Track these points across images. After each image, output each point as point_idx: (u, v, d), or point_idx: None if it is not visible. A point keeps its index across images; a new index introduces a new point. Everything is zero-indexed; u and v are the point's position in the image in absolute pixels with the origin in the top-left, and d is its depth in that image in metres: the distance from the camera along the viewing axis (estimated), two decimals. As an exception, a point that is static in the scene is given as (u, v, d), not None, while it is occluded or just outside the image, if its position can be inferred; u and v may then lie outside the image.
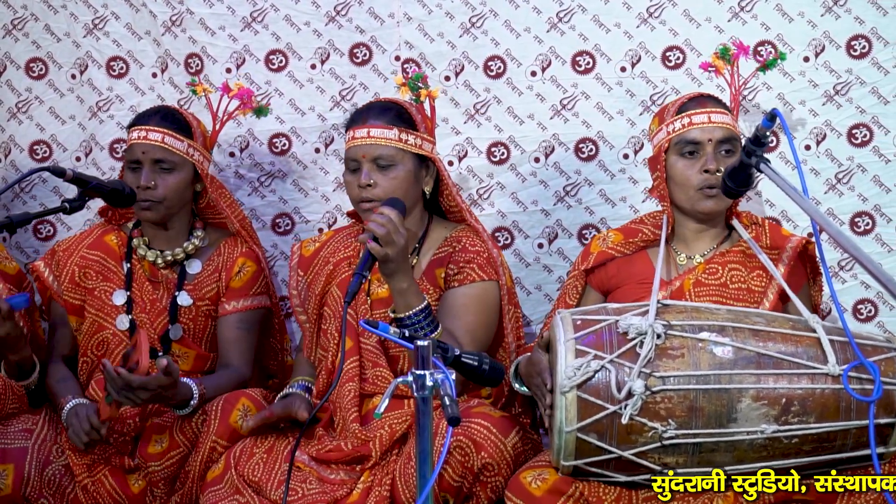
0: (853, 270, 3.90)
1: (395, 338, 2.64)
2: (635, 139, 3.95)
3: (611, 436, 2.84)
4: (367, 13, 4.04)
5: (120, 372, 3.21)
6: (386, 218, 3.14)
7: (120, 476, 3.49)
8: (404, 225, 3.21)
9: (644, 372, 2.83)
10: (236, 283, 3.73)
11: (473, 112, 4.02)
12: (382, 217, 3.15)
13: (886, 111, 3.85)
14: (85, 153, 4.22)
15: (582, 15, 3.95)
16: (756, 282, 3.34)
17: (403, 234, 3.16)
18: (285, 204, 4.15)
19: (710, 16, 3.89)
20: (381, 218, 3.14)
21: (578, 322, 2.94)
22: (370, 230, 3.13)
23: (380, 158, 3.45)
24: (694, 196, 3.34)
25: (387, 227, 3.13)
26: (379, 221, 3.13)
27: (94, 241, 3.77)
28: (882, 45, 3.83)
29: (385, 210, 3.18)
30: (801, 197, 2.67)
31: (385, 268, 3.18)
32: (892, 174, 3.87)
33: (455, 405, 2.36)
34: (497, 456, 3.14)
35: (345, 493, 3.24)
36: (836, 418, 2.84)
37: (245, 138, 4.13)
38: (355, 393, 3.42)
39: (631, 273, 3.42)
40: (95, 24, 4.17)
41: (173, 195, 3.65)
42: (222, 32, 4.10)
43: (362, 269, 3.04)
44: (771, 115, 2.82)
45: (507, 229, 4.04)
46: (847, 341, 2.88)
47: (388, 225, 3.13)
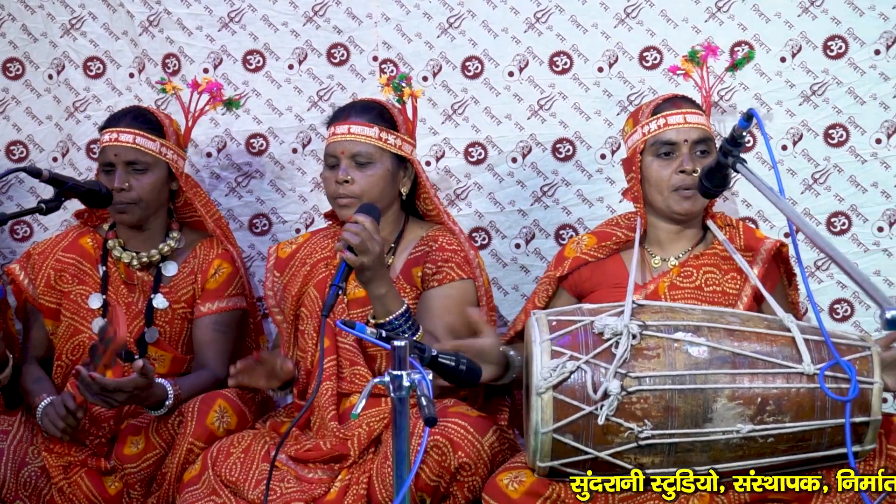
0: (829, 270, 3.91)
1: (372, 338, 2.64)
2: (612, 139, 3.95)
3: (587, 436, 2.84)
4: (344, 13, 4.04)
5: (94, 377, 3.20)
6: (360, 227, 3.13)
7: (96, 477, 3.47)
8: (380, 225, 3.20)
9: (620, 372, 2.83)
10: (212, 284, 3.72)
11: (451, 112, 4.02)
12: (356, 226, 3.13)
13: (863, 111, 3.86)
14: (62, 153, 4.21)
15: (559, 15, 3.96)
16: (731, 284, 3.35)
17: (379, 241, 3.16)
18: (262, 204, 4.14)
19: (687, 16, 3.90)
20: (356, 227, 3.13)
21: (554, 323, 2.94)
22: (345, 239, 3.12)
23: (358, 155, 3.46)
24: (669, 197, 3.34)
25: (361, 235, 3.11)
26: (353, 230, 3.12)
27: (69, 244, 3.76)
28: (859, 46, 3.85)
29: (359, 218, 3.16)
30: (777, 197, 2.68)
31: (362, 276, 3.18)
32: (869, 174, 3.89)
33: (432, 405, 2.36)
34: (474, 456, 3.14)
35: (322, 492, 3.24)
36: (811, 417, 2.84)
37: (222, 138, 4.12)
38: (333, 392, 3.42)
39: (605, 277, 3.42)
40: (72, 25, 4.16)
41: (148, 196, 3.64)
42: (199, 32, 4.09)
43: (339, 280, 3.00)
44: (747, 115, 2.82)
45: (484, 229, 4.04)
46: (822, 340, 2.89)
47: (363, 233, 3.12)
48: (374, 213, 3.22)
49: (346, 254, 3.10)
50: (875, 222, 3.89)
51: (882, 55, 3.85)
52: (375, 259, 3.14)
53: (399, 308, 3.24)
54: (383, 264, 3.22)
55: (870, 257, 3.89)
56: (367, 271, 3.16)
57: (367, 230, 3.13)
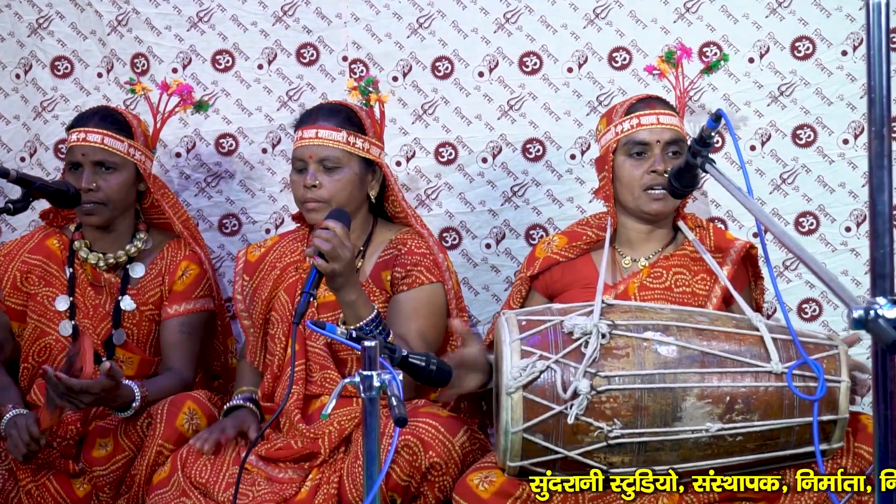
0: (798, 270, 3.93)
1: (342, 339, 2.64)
2: (582, 140, 3.96)
3: (557, 436, 2.84)
4: (314, 13, 4.03)
5: (61, 377, 3.18)
6: (331, 233, 3.10)
7: (64, 480, 3.45)
8: (349, 229, 3.20)
9: (589, 372, 2.83)
10: (179, 286, 3.71)
11: (421, 112, 4.02)
12: (327, 232, 3.11)
13: (830, 112, 3.89)
14: (29, 153, 4.18)
15: (529, 16, 3.96)
16: (700, 285, 3.35)
17: (349, 247, 3.13)
18: (232, 205, 4.13)
19: (655, 17, 3.92)
20: (326, 233, 3.10)
21: (523, 323, 2.94)
22: (315, 246, 3.09)
23: (326, 160, 3.45)
24: (640, 197, 3.35)
25: (332, 241, 3.09)
26: (324, 237, 3.09)
27: (35, 245, 3.74)
28: (826, 47, 3.87)
29: (329, 224, 3.14)
30: (745, 197, 2.69)
31: (333, 282, 3.16)
32: (837, 174, 3.91)
33: (402, 406, 2.36)
34: (445, 455, 3.14)
35: (293, 492, 3.23)
36: (779, 416, 2.86)
37: (191, 139, 4.10)
38: (299, 396, 3.41)
39: (576, 277, 3.42)
40: (40, 24, 4.13)
41: (116, 196, 3.62)
42: (168, 32, 4.07)
43: (310, 287, 2.97)
44: (716, 116, 2.82)
45: (454, 230, 4.04)
46: (790, 339, 2.90)
47: (334, 240, 3.09)
48: (344, 219, 3.19)
49: (316, 260, 3.07)
50: (843, 222, 3.91)
51: (849, 56, 3.87)
52: (346, 265, 3.13)
53: (369, 314, 3.23)
54: (354, 270, 3.20)
55: (837, 257, 3.92)
56: (339, 278, 3.14)
57: (337, 236, 3.10)
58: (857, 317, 1.88)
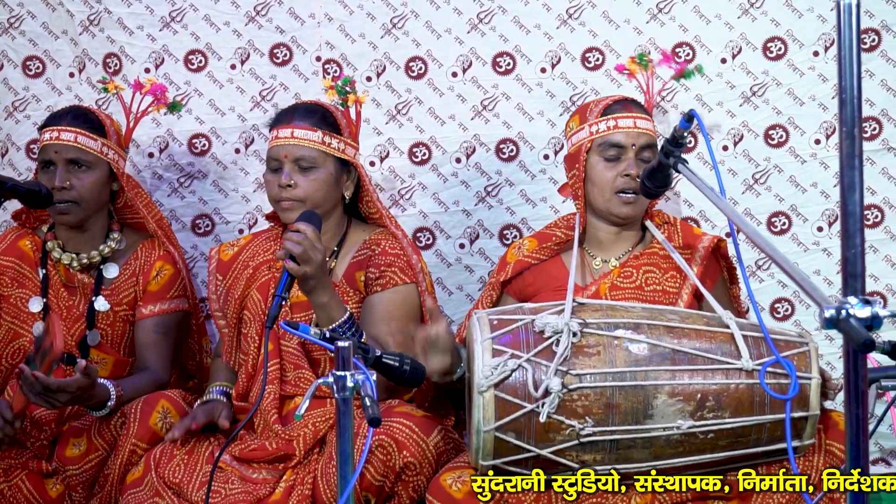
0: (770, 270, 3.95)
1: (315, 339, 2.63)
2: (556, 140, 3.97)
3: (529, 434, 2.85)
4: (287, 13, 4.03)
5: (38, 376, 3.17)
6: (302, 235, 3.09)
7: (37, 480, 3.43)
8: (322, 228, 3.19)
9: (561, 370, 2.84)
10: (153, 286, 3.70)
11: (395, 112, 4.02)
12: (298, 234, 3.10)
13: (802, 112, 3.91)
14: (1, 154, 4.16)
15: (502, 16, 3.97)
16: (670, 283, 3.36)
17: (321, 249, 3.13)
18: (205, 205, 4.12)
19: (628, 17, 3.93)
20: (297, 236, 3.10)
21: (495, 322, 2.95)
22: (286, 249, 3.08)
23: (301, 160, 3.44)
24: (611, 199, 3.35)
25: (303, 244, 3.08)
26: (295, 240, 3.09)
27: (7, 247, 3.72)
28: (798, 47, 3.89)
29: (300, 226, 3.13)
30: (718, 197, 2.69)
31: (305, 285, 3.15)
32: (808, 174, 3.93)
33: (376, 406, 2.36)
34: (419, 455, 3.14)
35: (267, 493, 3.22)
36: (750, 413, 2.87)
37: (164, 139, 4.09)
38: (276, 395, 3.41)
39: (547, 280, 3.42)
40: (11, 23, 4.11)
41: (89, 195, 3.61)
42: (141, 32, 4.06)
43: (281, 290, 2.97)
44: (688, 116, 2.82)
45: (428, 229, 4.04)
46: (761, 337, 2.92)
47: (305, 242, 3.08)
48: (315, 221, 3.19)
49: (288, 263, 3.07)
50: (815, 222, 3.93)
51: (821, 56, 3.89)
52: (318, 268, 3.12)
53: (342, 315, 3.22)
54: (326, 272, 3.20)
55: (809, 257, 3.94)
56: (311, 280, 3.14)
57: (308, 239, 3.10)
58: (829, 316, 1.88)
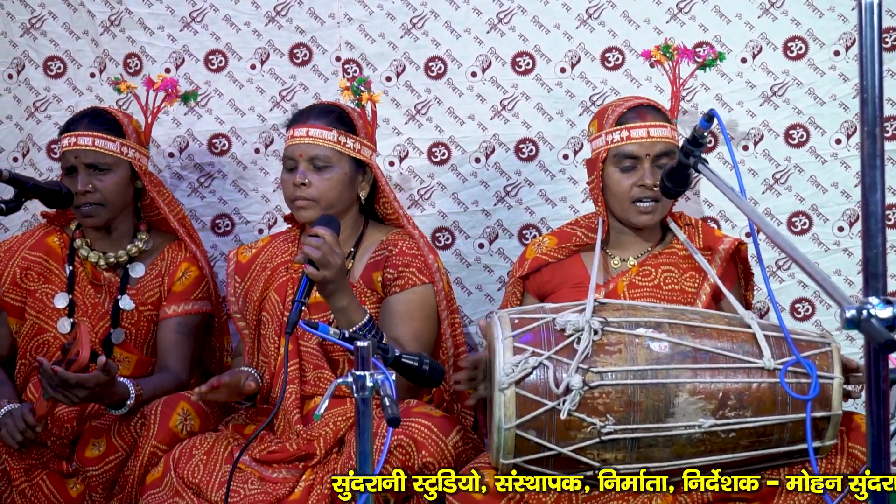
0: (790, 270, 3.93)
1: (334, 338, 2.63)
2: (575, 140, 3.96)
3: (550, 432, 2.85)
4: (307, 13, 4.03)
5: (57, 370, 3.18)
6: (321, 240, 3.09)
7: (58, 480, 3.45)
8: (339, 232, 3.19)
9: (582, 368, 2.84)
10: (178, 287, 3.71)
11: (414, 112, 4.03)
12: (317, 239, 3.09)
13: (823, 112, 3.89)
14: (22, 153, 4.18)
15: (522, 16, 3.97)
16: (689, 283, 3.36)
17: (340, 253, 3.13)
18: (225, 205, 4.13)
19: (648, 17, 3.92)
20: (316, 241, 3.09)
21: (516, 320, 2.95)
22: (305, 254, 3.08)
23: (316, 159, 3.45)
24: (629, 209, 3.34)
25: (322, 249, 3.07)
26: (314, 244, 3.08)
27: (36, 242, 3.74)
28: (818, 47, 3.87)
29: (319, 231, 3.12)
30: (738, 197, 2.69)
31: (324, 290, 3.15)
32: (829, 174, 3.91)
33: (395, 406, 2.36)
34: (438, 455, 3.14)
35: (286, 492, 3.23)
36: (772, 412, 2.86)
37: (184, 139, 4.10)
38: (297, 395, 3.42)
39: (566, 278, 3.42)
40: (32, 24, 4.13)
41: (112, 196, 3.62)
42: (161, 32, 4.07)
43: (301, 295, 2.94)
44: (708, 116, 2.82)
45: (447, 229, 4.04)
46: (782, 337, 2.90)
47: (324, 247, 3.08)
48: (334, 226, 3.18)
49: (307, 268, 3.06)
50: (835, 222, 3.92)
51: (841, 56, 3.87)
52: (337, 272, 3.12)
53: (362, 318, 3.22)
54: (345, 276, 3.19)
55: (830, 257, 3.92)
56: (330, 285, 3.13)
57: (327, 244, 3.09)
58: (850, 316, 1.88)
